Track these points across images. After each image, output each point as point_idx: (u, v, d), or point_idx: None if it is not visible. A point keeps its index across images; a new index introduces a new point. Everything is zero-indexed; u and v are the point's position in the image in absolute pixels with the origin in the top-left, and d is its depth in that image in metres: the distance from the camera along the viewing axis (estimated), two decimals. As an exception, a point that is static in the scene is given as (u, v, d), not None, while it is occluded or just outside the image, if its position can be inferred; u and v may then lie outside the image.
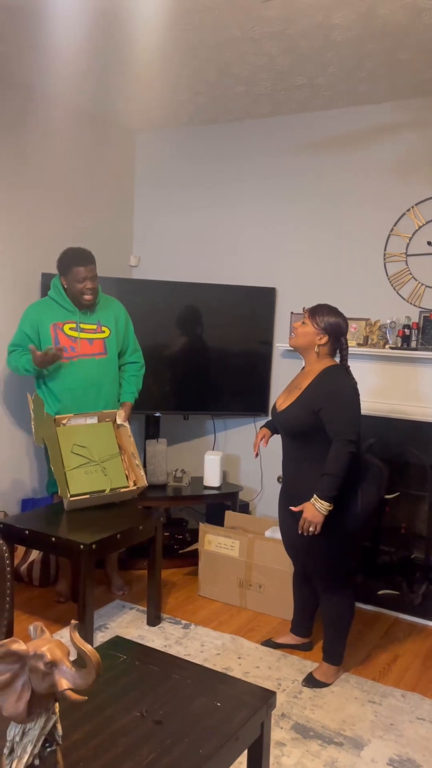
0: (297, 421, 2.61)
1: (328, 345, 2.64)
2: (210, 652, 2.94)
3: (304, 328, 2.65)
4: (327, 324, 2.62)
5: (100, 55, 3.21)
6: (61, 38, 3.04)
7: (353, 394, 2.56)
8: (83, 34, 2.98)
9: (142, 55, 3.20)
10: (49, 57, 3.26)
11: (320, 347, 2.64)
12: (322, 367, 2.62)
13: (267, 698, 1.81)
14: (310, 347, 2.66)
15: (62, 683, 1.36)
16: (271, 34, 2.92)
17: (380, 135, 3.74)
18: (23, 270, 3.78)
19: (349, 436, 2.49)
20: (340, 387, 2.56)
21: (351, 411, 2.53)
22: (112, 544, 2.87)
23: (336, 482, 2.47)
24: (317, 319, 2.62)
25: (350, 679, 2.77)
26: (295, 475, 2.68)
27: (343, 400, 2.53)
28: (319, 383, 2.58)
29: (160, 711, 1.73)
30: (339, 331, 2.64)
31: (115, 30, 2.93)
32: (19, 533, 2.91)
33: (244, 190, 4.23)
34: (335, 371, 2.61)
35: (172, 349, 4.07)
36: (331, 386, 2.56)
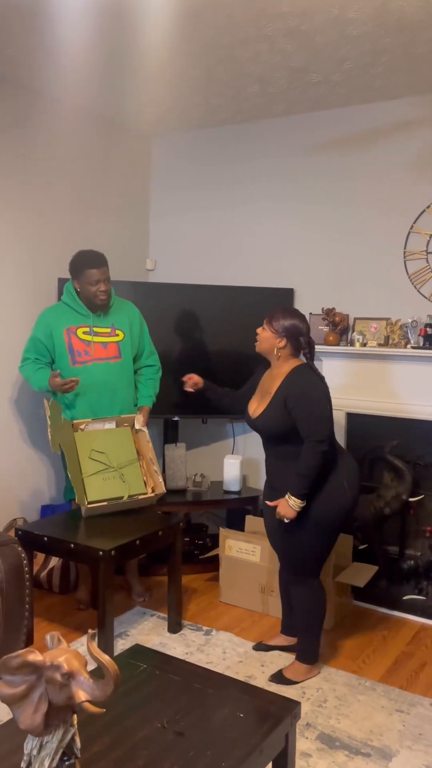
0: (273, 424, 2.66)
1: (288, 347, 2.68)
2: (232, 659, 2.89)
3: (264, 333, 2.71)
4: (282, 327, 2.65)
5: (112, 59, 3.19)
6: (72, 42, 3.02)
7: (320, 393, 2.62)
8: (94, 37, 2.96)
9: (154, 57, 3.17)
10: (61, 61, 3.24)
11: (280, 350, 2.68)
12: (288, 369, 2.67)
13: (291, 709, 1.76)
14: (271, 351, 2.70)
15: (80, 695, 1.32)
16: (286, 31, 2.87)
17: (398, 131, 3.67)
18: (40, 275, 3.77)
19: (317, 437, 2.55)
20: (306, 387, 2.61)
21: (318, 411, 2.59)
22: (131, 551, 2.84)
23: (306, 481, 2.55)
24: (273, 323, 2.67)
25: (377, 687, 2.70)
26: (278, 471, 2.75)
27: (311, 401, 2.59)
28: (287, 385, 2.63)
29: (181, 722, 1.68)
30: (296, 332, 2.66)
31: (127, 33, 2.90)
32: (37, 540, 2.89)
33: (259, 191, 4.19)
34: (301, 372, 2.65)
35: (190, 352, 4.03)
36: (298, 387, 2.61)
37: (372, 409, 3.69)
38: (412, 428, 3.59)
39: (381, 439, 3.66)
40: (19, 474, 3.74)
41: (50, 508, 3.80)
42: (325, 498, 2.60)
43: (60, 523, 3.04)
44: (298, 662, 2.74)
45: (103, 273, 3.15)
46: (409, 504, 3.54)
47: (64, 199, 3.92)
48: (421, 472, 3.59)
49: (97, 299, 3.18)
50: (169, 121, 4.19)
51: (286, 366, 2.68)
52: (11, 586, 2.54)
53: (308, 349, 2.69)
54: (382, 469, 3.69)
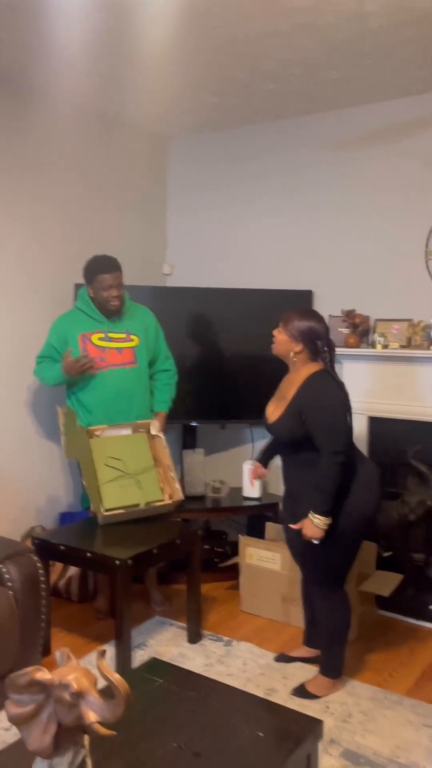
0: (288, 432, 2.56)
1: (305, 352, 2.56)
2: (253, 671, 2.81)
3: (279, 336, 2.60)
4: (298, 331, 2.54)
5: (125, 60, 3.15)
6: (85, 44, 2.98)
7: (336, 402, 2.49)
8: (106, 38, 2.92)
9: (168, 57, 3.12)
10: (72, 63, 3.21)
11: (296, 355, 2.56)
12: (306, 375, 2.55)
13: (314, 728, 1.68)
14: (287, 355, 2.60)
15: (89, 716, 1.26)
16: (302, 26, 2.81)
17: (420, 127, 3.58)
18: (57, 281, 3.74)
19: (332, 448, 2.43)
20: (321, 396, 2.49)
21: (333, 421, 2.46)
22: (149, 560, 2.78)
23: (327, 496, 2.43)
24: (288, 327, 2.56)
25: (404, 701, 2.60)
26: (296, 478, 2.65)
27: (326, 411, 2.47)
28: (302, 393, 2.52)
29: (199, 743, 1.61)
30: (313, 336, 2.54)
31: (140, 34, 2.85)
32: (54, 549, 2.84)
33: (278, 192, 4.12)
34: (318, 379, 2.53)
35: (208, 357, 3.97)
36: (313, 396, 2.49)
37: (394, 412, 3.59)
38: (436, 432, 3.49)
39: (404, 444, 3.56)
40: (37, 481, 3.70)
41: (69, 516, 3.76)
42: (346, 510, 2.48)
43: (77, 532, 2.99)
44: (321, 676, 2.65)
45: (116, 278, 3.11)
46: (435, 510, 3.43)
47: (80, 204, 3.89)
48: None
49: (109, 304, 3.14)
50: (184, 123, 4.14)
51: (304, 371, 2.56)
52: (27, 597, 2.49)
53: (328, 352, 2.57)
54: (405, 475, 3.59)
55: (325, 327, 2.57)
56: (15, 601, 2.45)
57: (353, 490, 2.51)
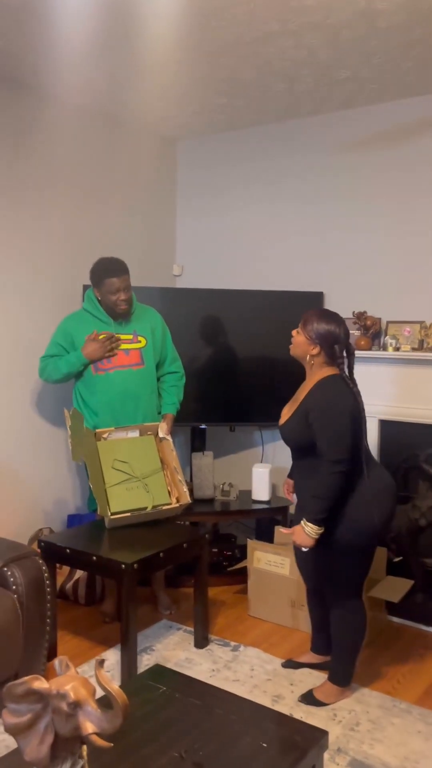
0: (294, 435, 2.51)
1: (323, 355, 2.48)
2: (260, 677, 2.78)
3: (298, 337, 2.53)
4: (317, 333, 2.46)
5: (134, 62, 3.13)
6: (94, 45, 2.97)
7: (343, 409, 2.39)
8: (115, 39, 2.90)
9: (176, 58, 3.11)
10: (80, 64, 3.20)
11: (313, 358, 2.49)
12: (318, 378, 2.48)
13: (319, 739, 1.65)
14: (303, 357, 2.53)
15: (87, 726, 1.24)
16: (311, 26, 2.78)
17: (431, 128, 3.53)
18: (65, 283, 3.73)
19: (333, 457, 2.36)
20: (329, 402, 2.41)
21: (337, 428, 2.38)
22: (155, 564, 2.75)
23: (323, 504, 2.37)
24: (307, 328, 2.48)
25: (413, 710, 2.56)
26: (302, 486, 2.58)
27: (330, 417, 2.39)
28: (311, 397, 2.46)
29: (200, 752, 1.58)
30: (332, 339, 2.45)
31: (146, 33, 2.84)
32: (60, 552, 2.83)
33: (287, 193, 4.09)
34: (329, 384, 2.45)
35: (217, 359, 3.94)
36: (321, 401, 2.43)
37: (406, 416, 3.55)
38: (448, 436, 3.44)
39: (416, 447, 3.51)
40: (44, 483, 3.70)
41: (77, 518, 3.75)
42: (351, 521, 2.42)
43: (83, 535, 2.97)
44: (329, 683, 2.61)
45: (124, 281, 3.09)
46: (446, 515, 3.38)
47: (89, 206, 3.89)
48: (459, 481, 3.43)
49: (117, 308, 3.12)
50: (194, 124, 4.12)
51: (318, 375, 2.50)
52: (31, 600, 2.48)
53: (346, 357, 2.48)
54: (417, 479, 3.54)
55: (345, 331, 2.49)
56: (19, 604, 2.44)
57: (357, 501, 2.43)
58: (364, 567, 2.56)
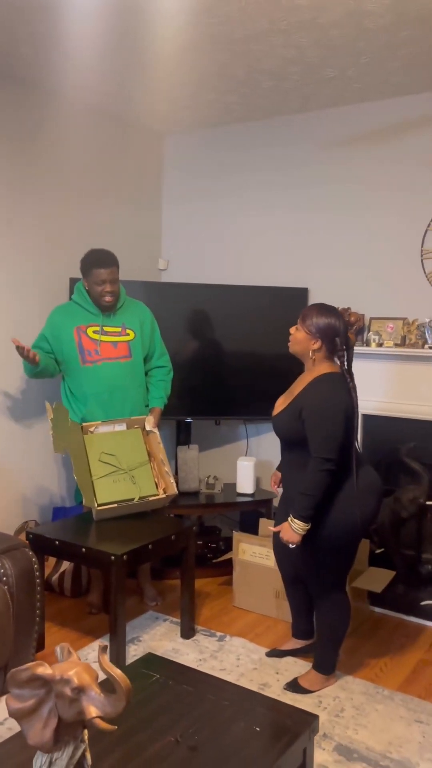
0: (286, 428, 2.55)
1: (324, 349, 2.51)
2: (246, 666, 2.83)
3: (297, 334, 2.54)
4: (317, 327, 2.48)
5: (123, 55, 3.14)
6: (82, 38, 2.97)
7: (337, 409, 2.42)
8: (104, 32, 2.91)
9: (167, 53, 3.12)
10: (71, 58, 3.20)
11: (315, 353, 2.51)
12: (316, 374, 2.51)
13: (309, 723, 1.70)
14: (305, 353, 2.54)
15: (90, 710, 1.27)
16: (301, 25, 2.81)
17: (416, 127, 3.60)
18: (51, 276, 3.73)
19: (323, 454, 2.39)
20: (323, 401, 2.44)
21: (329, 428, 2.41)
22: (143, 555, 2.79)
23: (310, 501, 2.40)
24: (307, 323, 2.50)
25: (395, 696, 2.63)
26: (290, 479, 2.61)
27: (323, 416, 2.42)
28: (307, 393, 2.48)
29: (195, 736, 1.62)
30: (332, 333, 2.48)
31: (138, 28, 2.85)
32: (49, 544, 2.85)
33: (273, 189, 4.12)
34: (326, 381, 2.47)
35: (202, 353, 3.97)
36: (315, 399, 2.45)
37: (388, 410, 3.62)
38: (429, 430, 3.52)
39: (398, 442, 3.59)
40: (29, 476, 3.70)
41: (62, 510, 3.76)
42: (336, 518, 2.46)
43: (71, 527, 2.99)
44: (314, 671, 2.67)
45: (111, 273, 3.10)
46: (427, 507, 3.47)
47: (75, 199, 3.88)
48: (439, 475, 3.51)
49: (102, 300, 3.13)
50: (181, 119, 4.14)
51: (316, 371, 2.51)
52: (22, 591, 2.49)
53: (345, 350, 2.51)
54: (398, 472, 3.62)
55: (344, 324, 2.51)
56: (10, 596, 2.46)
57: (342, 499, 2.47)
58: (348, 562, 2.61)
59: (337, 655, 2.68)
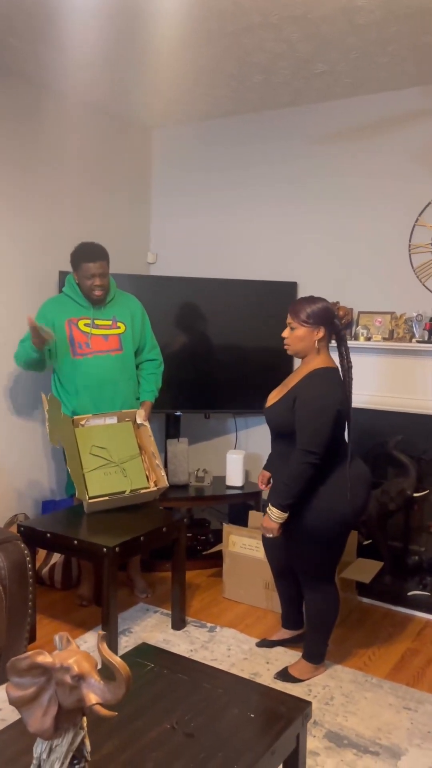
0: (279, 418, 2.57)
1: (326, 335, 2.53)
2: (237, 656, 2.86)
3: (296, 332, 2.53)
4: (315, 316, 2.48)
5: (114, 49, 3.14)
6: (73, 31, 2.96)
7: (329, 404, 2.44)
8: (95, 26, 2.90)
9: (157, 46, 3.12)
10: (61, 51, 3.18)
11: (320, 342, 2.52)
12: (312, 368, 2.52)
13: (303, 709, 1.73)
14: (310, 347, 2.53)
15: (90, 698, 1.28)
16: (292, 19, 2.82)
17: (404, 122, 3.63)
18: (40, 268, 3.72)
19: (308, 447, 2.42)
20: (316, 395, 2.46)
21: (318, 422, 2.42)
22: (135, 547, 2.80)
23: (289, 491, 2.43)
24: (302, 316, 2.50)
25: (383, 684, 2.67)
26: (279, 471, 2.63)
27: (314, 410, 2.44)
28: (301, 386, 2.51)
29: (191, 723, 1.65)
30: (330, 315, 2.51)
31: (129, 21, 2.85)
32: (40, 536, 2.85)
33: (263, 183, 4.14)
34: (321, 376, 2.49)
35: (191, 347, 3.99)
36: (309, 392, 2.47)
37: (376, 403, 3.65)
38: (416, 423, 3.56)
39: (385, 434, 3.62)
40: (19, 469, 3.70)
41: (51, 504, 3.76)
42: (326, 510, 2.49)
43: (63, 520, 3.00)
44: (304, 661, 2.70)
45: (101, 267, 3.09)
46: (414, 499, 3.51)
47: (64, 192, 3.87)
48: (426, 467, 3.56)
49: (92, 294, 3.13)
50: (171, 112, 4.13)
51: (313, 364, 2.52)
52: (14, 583, 2.50)
53: (344, 329, 2.52)
54: (386, 465, 3.66)
55: (333, 306, 2.54)
56: (2, 588, 2.46)
57: (328, 492, 2.49)
58: (338, 553, 2.65)
59: (327, 644, 2.72)
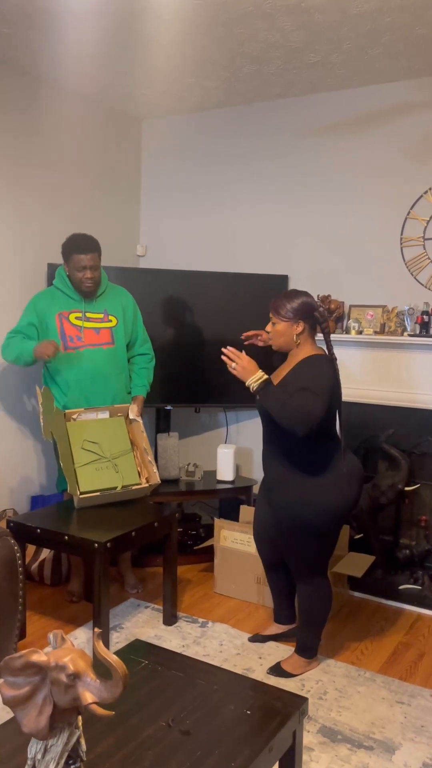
0: None
1: (307, 329, 2.53)
2: (229, 651, 2.85)
3: (277, 327, 2.53)
4: (294, 310, 2.48)
5: (103, 40, 3.09)
6: (61, 21, 2.91)
7: (325, 383, 2.41)
8: (83, 16, 2.85)
9: (147, 36, 3.07)
10: (51, 40, 3.13)
11: (299, 336, 2.52)
12: (303, 356, 2.52)
13: (299, 705, 1.71)
14: (290, 341, 2.54)
15: (86, 697, 1.26)
16: (286, 8, 2.79)
17: (396, 115, 3.61)
18: (29, 260, 3.67)
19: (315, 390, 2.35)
20: (312, 375, 2.43)
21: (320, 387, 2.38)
22: (126, 542, 2.77)
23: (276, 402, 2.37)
24: (282, 311, 2.50)
25: (376, 678, 2.67)
26: (270, 465, 2.62)
27: (314, 382, 2.39)
28: (295, 372, 2.50)
29: (187, 720, 1.63)
30: (310, 309, 2.50)
31: (117, 11, 2.80)
32: (30, 532, 2.82)
33: (253, 176, 4.11)
34: (314, 360, 2.49)
35: (182, 340, 3.95)
36: (304, 375, 2.44)
37: (367, 397, 3.65)
38: (407, 417, 3.56)
39: (377, 428, 3.62)
40: (8, 464, 3.65)
41: (41, 499, 3.72)
42: (313, 505, 2.48)
43: (53, 515, 2.97)
44: (297, 655, 2.70)
45: (92, 259, 3.05)
46: (405, 493, 3.51)
47: (53, 184, 3.82)
48: (417, 461, 3.56)
49: (82, 286, 3.09)
50: (161, 103, 4.09)
51: (302, 353, 2.53)
52: (4, 580, 2.46)
53: (325, 320, 2.51)
54: (377, 459, 3.66)
55: (313, 300, 2.53)
56: (-8, 584, 2.43)
57: (331, 483, 2.49)
58: (330, 546, 2.64)
59: (319, 639, 2.71)
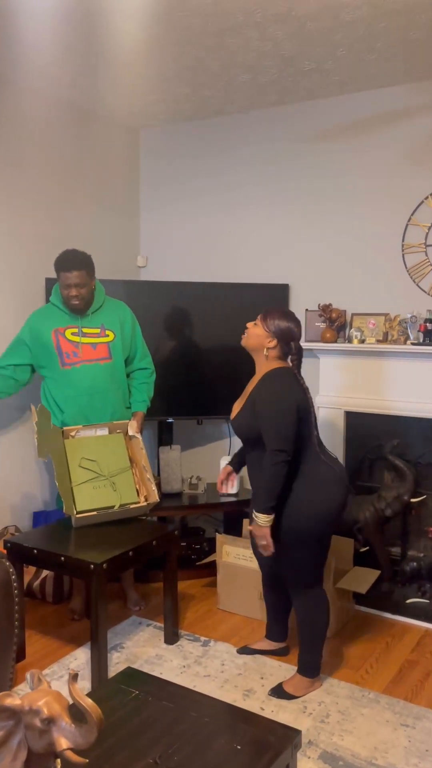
0: (245, 428, 2.56)
1: (278, 349, 2.57)
2: (231, 672, 2.80)
3: (255, 330, 2.59)
4: (277, 328, 2.55)
5: (98, 49, 3.06)
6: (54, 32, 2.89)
7: (288, 401, 2.45)
8: (77, 26, 2.83)
9: (141, 47, 3.04)
10: (41, 52, 3.11)
11: (269, 350, 2.57)
12: (265, 371, 2.56)
13: (292, 738, 1.66)
14: (259, 349, 2.59)
15: (61, 742, 1.22)
16: (277, 17, 2.75)
17: (394, 120, 3.55)
18: (27, 275, 3.65)
19: (276, 446, 2.42)
20: (275, 393, 2.48)
21: (281, 420, 2.44)
22: (124, 562, 2.73)
23: (267, 494, 2.42)
24: (268, 322, 2.56)
25: (381, 699, 2.60)
26: (255, 477, 2.61)
27: (275, 409, 2.46)
28: (259, 386, 2.54)
29: (174, 757, 1.58)
30: (289, 336, 2.56)
31: (112, 21, 2.77)
32: (27, 552, 2.79)
33: (252, 184, 4.06)
34: (276, 375, 2.53)
35: (183, 352, 3.91)
36: (266, 392, 2.50)
37: (371, 407, 3.59)
38: (412, 427, 3.49)
39: (381, 439, 3.56)
40: (10, 480, 3.63)
41: (43, 515, 3.70)
42: (297, 510, 2.46)
43: (50, 534, 2.94)
44: (299, 675, 2.64)
45: (77, 277, 2.98)
46: (411, 505, 3.44)
47: (50, 196, 3.80)
48: (423, 471, 3.49)
49: (69, 303, 3.05)
50: (157, 113, 4.06)
51: (266, 367, 2.58)
52: (-1, 603, 2.43)
53: (297, 355, 2.60)
54: (382, 469, 3.60)
55: (300, 332, 2.60)
56: (-13, 608, 2.39)
57: (300, 491, 2.48)
58: (320, 555, 2.60)
59: (320, 655, 2.65)
